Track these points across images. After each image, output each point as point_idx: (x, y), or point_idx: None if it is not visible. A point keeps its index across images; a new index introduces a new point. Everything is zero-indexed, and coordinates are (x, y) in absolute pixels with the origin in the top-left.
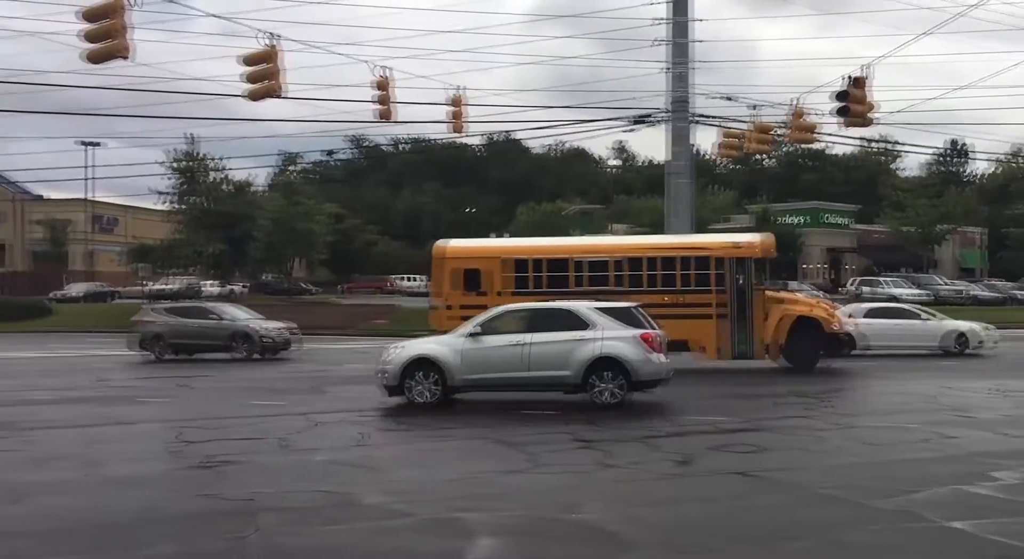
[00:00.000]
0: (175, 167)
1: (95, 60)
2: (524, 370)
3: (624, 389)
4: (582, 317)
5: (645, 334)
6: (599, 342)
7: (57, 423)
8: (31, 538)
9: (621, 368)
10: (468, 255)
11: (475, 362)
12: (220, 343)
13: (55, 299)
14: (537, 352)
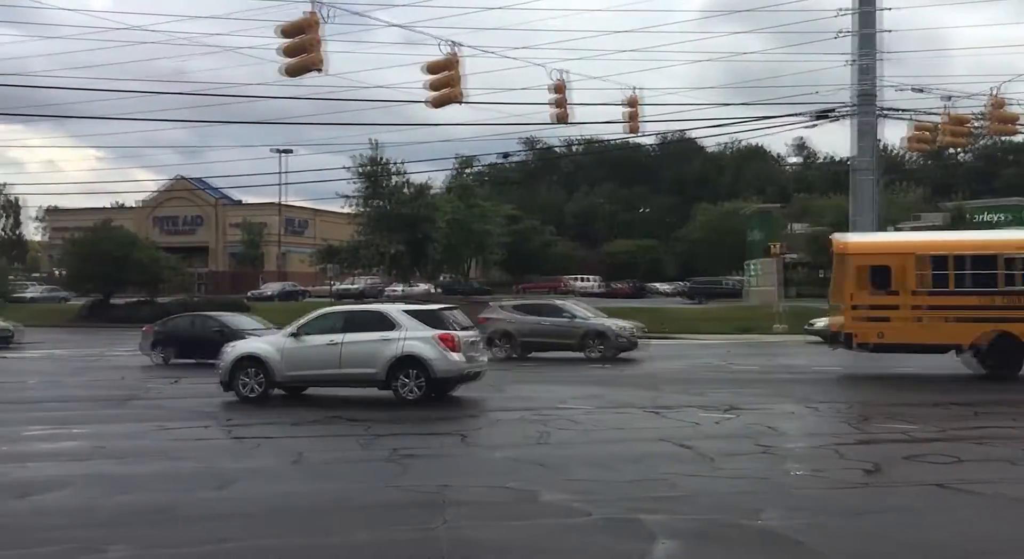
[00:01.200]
0: (360, 172)
1: (292, 73)
2: (337, 368)
3: (424, 386)
4: (391, 319)
5: (444, 335)
6: (402, 342)
7: (256, 415)
8: (239, 520)
9: (421, 366)
10: (875, 251)
11: (295, 360)
12: (574, 342)
13: (251, 298)
14: (348, 351)
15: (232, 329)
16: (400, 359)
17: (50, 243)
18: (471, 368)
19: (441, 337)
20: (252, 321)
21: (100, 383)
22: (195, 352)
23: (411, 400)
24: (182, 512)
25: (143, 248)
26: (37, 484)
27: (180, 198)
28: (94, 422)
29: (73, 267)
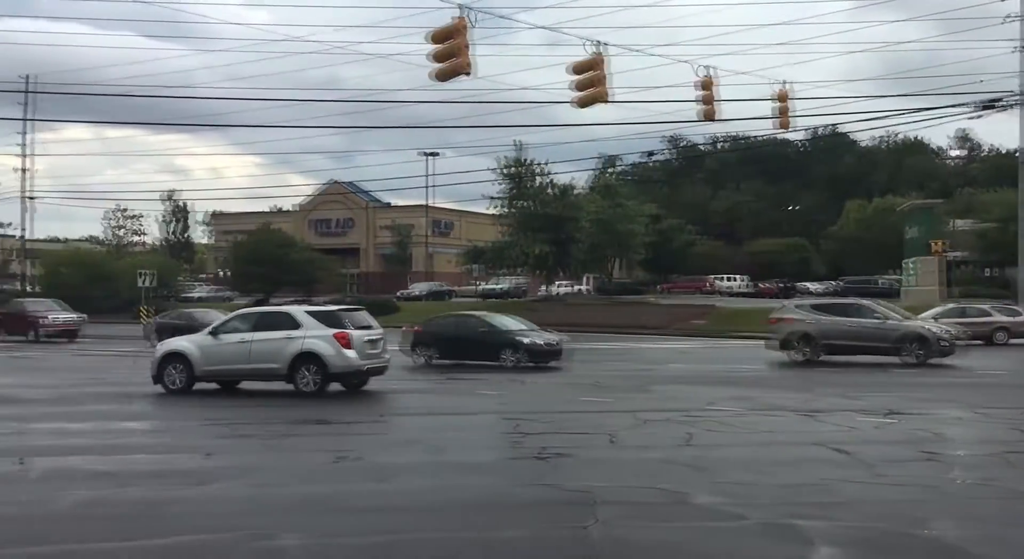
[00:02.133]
0: (504, 173)
1: (442, 78)
2: (247, 363)
3: (321, 380)
4: (295, 318)
5: (339, 334)
6: (302, 340)
7: (408, 410)
8: (400, 513)
9: (320, 362)
10: None
11: (212, 356)
12: (887, 345)
13: (401, 297)
14: (257, 348)
15: (500, 329)
16: (300, 355)
17: (215, 245)
18: (367, 364)
19: (337, 335)
20: (516, 321)
21: None
22: (460, 352)
23: (309, 392)
24: (346, 503)
25: (300, 250)
26: (210, 473)
27: (333, 202)
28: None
29: (236, 268)
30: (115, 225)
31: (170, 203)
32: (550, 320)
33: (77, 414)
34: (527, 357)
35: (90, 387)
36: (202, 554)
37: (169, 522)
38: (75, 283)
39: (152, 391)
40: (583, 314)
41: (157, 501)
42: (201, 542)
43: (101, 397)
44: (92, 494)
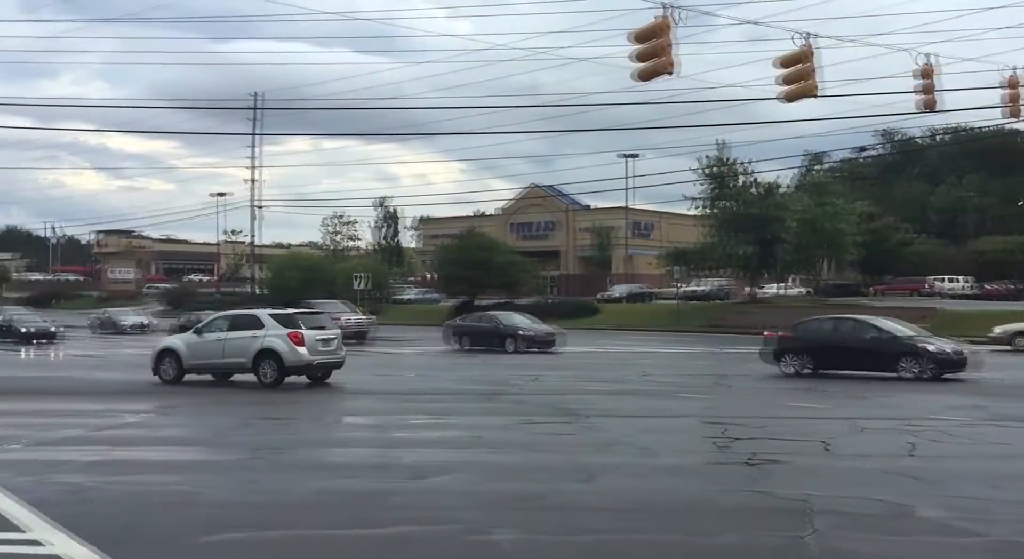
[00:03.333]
0: (706, 173)
1: (645, 78)
2: (221, 358)
3: (278, 373)
4: (260, 320)
5: (292, 333)
6: (263, 339)
7: (612, 412)
8: (607, 513)
9: (277, 357)
10: None
11: (196, 352)
12: None
13: (601, 299)
14: (229, 345)
15: (896, 335)
16: (261, 351)
17: (423, 249)
18: (319, 359)
19: (291, 335)
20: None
21: (468, 378)
22: (842, 361)
23: (268, 383)
24: (555, 501)
25: (502, 253)
26: (426, 468)
27: (534, 205)
28: (468, 414)
29: (443, 271)
30: (332, 231)
31: (381, 209)
32: (758, 323)
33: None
34: (933, 367)
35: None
36: (420, 544)
37: (390, 513)
38: (297, 285)
39: (385, 389)
40: (791, 317)
41: (378, 492)
42: (419, 533)
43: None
44: (321, 484)
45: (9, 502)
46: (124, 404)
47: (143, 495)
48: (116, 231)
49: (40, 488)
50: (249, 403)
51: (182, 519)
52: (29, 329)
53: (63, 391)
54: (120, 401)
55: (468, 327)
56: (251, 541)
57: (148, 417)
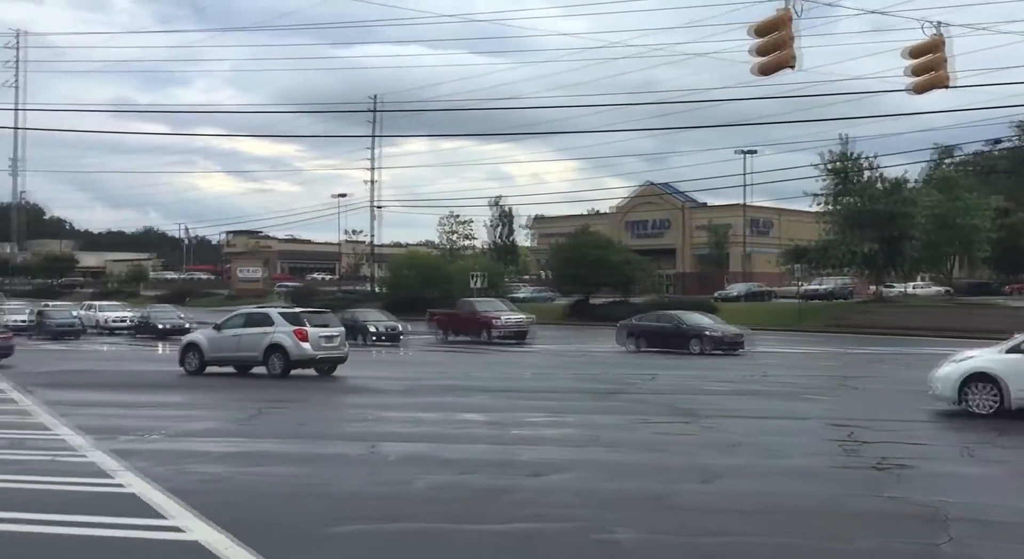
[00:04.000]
0: (828, 168)
1: (765, 72)
2: (236, 351)
3: (285, 365)
4: (271, 318)
5: (297, 330)
6: (272, 335)
7: (732, 412)
8: (729, 515)
9: (284, 352)
10: None
11: (216, 346)
12: None
13: (718, 298)
14: (244, 341)
15: None
16: (270, 346)
17: (537, 248)
18: (322, 354)
19: (296, 332)
20: None
21: (586, 377)
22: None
23: (276, 374)
24: (674, 502)
25: (617, 251)
26: (544, 465)
27: (649, 203)
28: (585, 412)
29: (557, 270)
30: (448, 230)
31: (496, 208)
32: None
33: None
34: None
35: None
36: (540, 541)
37: (509, 509)
38: (414, 284)
39: (482, 385)
40: (920, 318)
41: (498, 489)
42: (538, 530)
43: (451, 390)
44: (441, 479)
45: (152, 490)
46: (251, 397)
47: (273, 485)
48: (244, 231)
49: (179, 477)
50: (359, 399)
51: (310, 509)
52: (166, 325)
53: (196, 385)
54: (247, 394)
55: (645, 327)
56: (377, 533)
57: (273, 411)
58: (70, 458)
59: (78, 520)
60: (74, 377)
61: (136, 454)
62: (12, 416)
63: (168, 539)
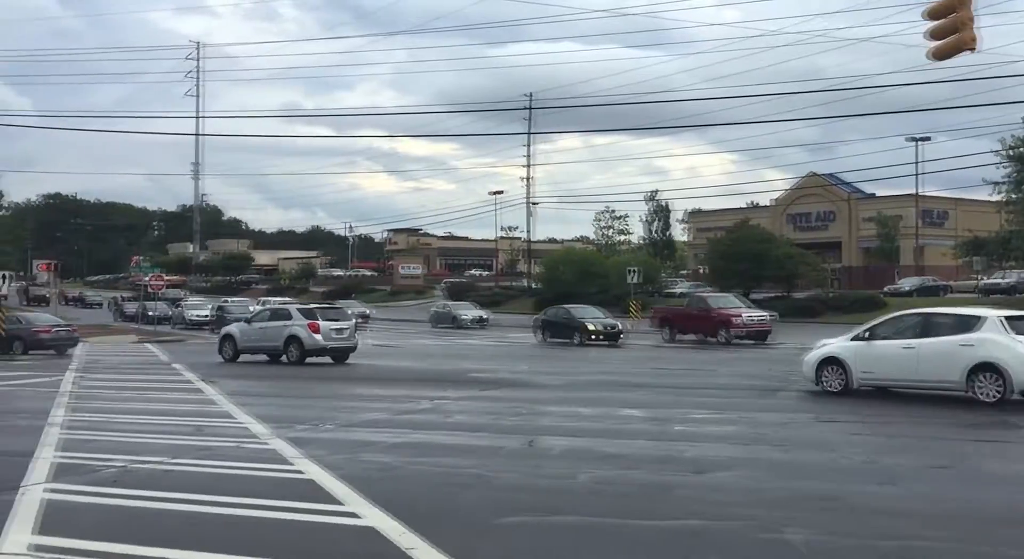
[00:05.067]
0: (1010, 154)
1: (941, 56)
2: (261, 341)
3: (300, 354)
4: (290, 313)
5: (311, 324)
6: (290, 327)
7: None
8: (912, 519)
9: (299, 342)
10: None
11: (246, 337)
12: None
13: (887, 293)
14: (269, 332)
15: None
16: (288, 338)
17: (694, 243)
18: (332, 344)
19: (309, 325)
20: None
21: (747, 373)
22: None
23: (293, 361)
24: (851, 503)
25: (778, 245)
26: (708, 462)
27: (812, 194)
28: (749, 410)
29: (715, 264)
30: (604, 225)
31: (652, 203)
32: None
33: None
34: None
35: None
36: (711, 538)
37: (673, 505)
38: (569, 280)
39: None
40: None
41: (661, 485)
42: (704, 527)
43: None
44: (603, 473)
45: (328, 477)
46: (415, 394)
47: (441, 476)
48: (404, 229)
49: (351, 465)
50: (519, 392)
51: (477, 500)
52: None
53: (365, 377)
54: (408, 388)
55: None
56: (543, 525)
57: (437, 403)
58: (253, 445)
59: (263, 504)
60: (251, 369)
61: (311, 443)
62: (199, 405)
63: (345, 524)
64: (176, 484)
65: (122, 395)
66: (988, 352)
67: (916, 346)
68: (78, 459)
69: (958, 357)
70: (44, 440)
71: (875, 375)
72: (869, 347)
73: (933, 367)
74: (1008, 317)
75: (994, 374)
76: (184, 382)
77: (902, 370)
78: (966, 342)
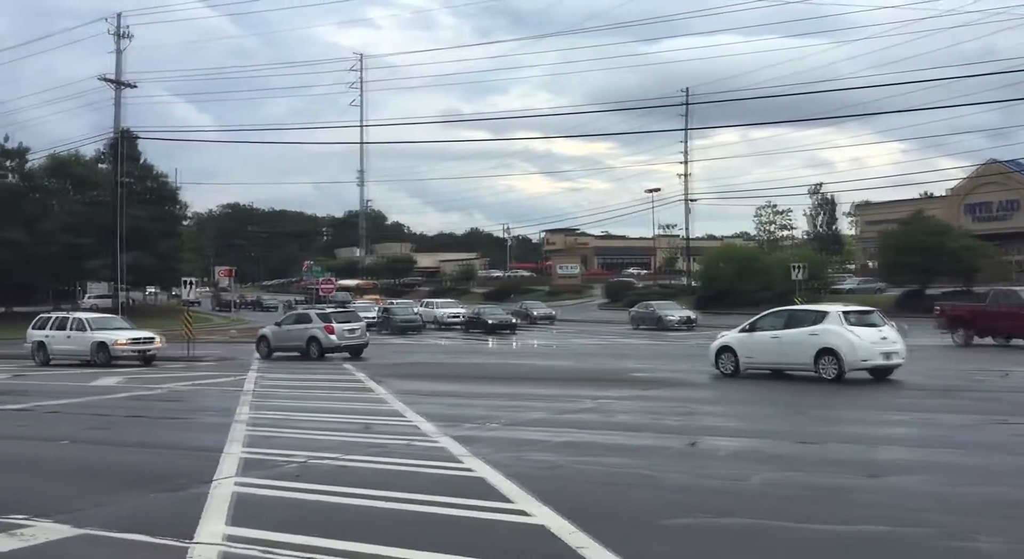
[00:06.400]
0: None
1: None
2: (288, 341)
3: (320, 351)
4: (310, 317)
5: (327, 326)
6: (310, 329)
7: None
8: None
9: (318, 342)
10: None
11: (279, 337)
12: None
13: None
14: (294, 333)
15: None
16: (308, 338)
17: (862, 236)
18: (345, 343)
19: (325, 327)
20: None
21: (925, 372)
22: None
23: (315, 358)
24: None
25: (955, 237)
26: (883, 465)
27: (993, 183)
28: (926, 411)
29: (886, 258)
30: (765, 221)
31: (816, 196)
32: None
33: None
34: None
35: None
36: (892, 546)
37: (848, 509)
38: (729, 277)
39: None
40: None
41: (834, 487)
42: (883, 532)
43: None
44: (772, 475)
45: (496, 475)
46: (574, 390)
47: (606, 475)
48: (561, 229)
49: (518, 463)
50: (681, 392)
51: (644, 500)
52: (494, 321)
53: (526, 377)
54: (569, 388)
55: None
56: (712, 527)
57: (600, 403)
58: (422, 443)
59: (433, 500)
60: (418, 369)
61: (478, 441)
62: (371, 404)
63: (516, 521)
64: (351, 479)
65: (298, 394)
66: (828, 340)
67: (780, 336)
68: (262, 455)
69: (808, 344)
70: (231, 436)
71: (754, 360)
72: (750, 337)
73: (792, 352)
74: (845, 311)
75: (833, 357)
76: (355, 381)
77: (771, 355)
78: (813, 332)
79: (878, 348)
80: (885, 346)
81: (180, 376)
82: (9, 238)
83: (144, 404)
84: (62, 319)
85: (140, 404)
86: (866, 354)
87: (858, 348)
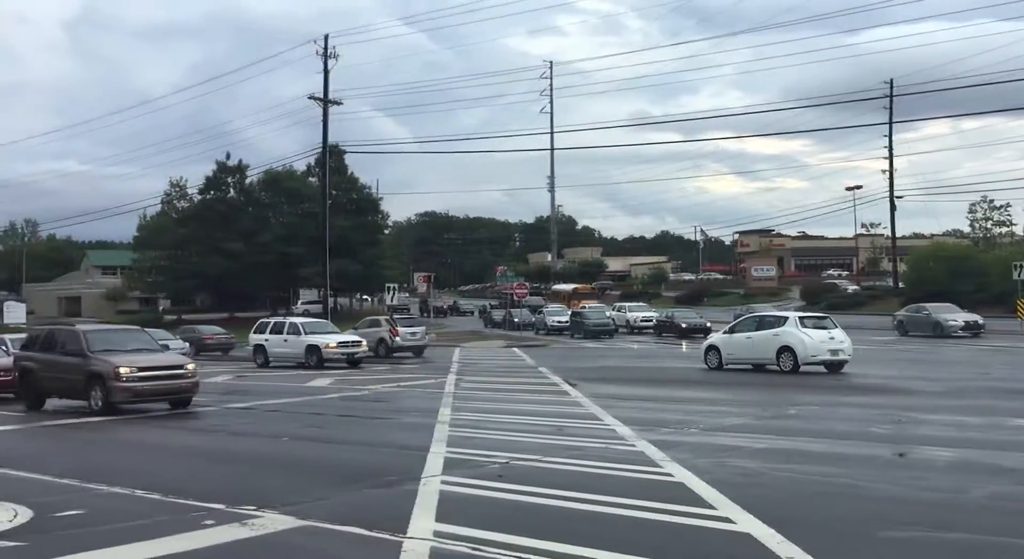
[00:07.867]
0: None
1: None
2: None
3: (387, 351)
4: (380, 322)
5: (392, 330)
6: (379, 332)
7: None
8: None
9: (386, 343)
10: None
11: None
12: None
13: None
14: (368, 337)
15: None
16: (378, 340)
17: None
18: (407, 343)
19: (391, 330)
20: None
21: None
22: None
23: (383, 356)
24: None
25: None
26: None
27: None
28: None
29: None
30: (980, 217)
31: None
32: None
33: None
34: None
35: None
36: None
37: None
38: (940, 278)
39: None
40: None
41: None
42: None
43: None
44: (997, 489)
45: (696, 481)
46: (775, 396)
47: (811, 484)
48: (754, 231)
49: (718, 470)
50: (889, 399)
51: (853, 511)
52: (687, 324)
53: (717, 382)
54: (771, 393)
55: None
56: (934, 541)
57: (802, 409)
58: (620, 446)
59: (631, 503)
60: (612, 372)
61: (676, 446)
62: (567, 407)
63: (720, 528)
64: (550, 481)
65: (496, 396)
66: (786, 340)
67: (752, 337)
68: (465, 454)
69: (772, 343)
70: (436, 436)
71: (734, 356)
72: (730, 338)
73: (760, 350)
74: (802, 317)
75: (790, 353)
76: (551, 384)
77: (745, 352)
78: (776, 333)
79: (826, 346)
80: (833, 345)
81: (385, 378)
82: (231, 249)
83: (353, 404)
84: (279, 324)
85: (350, 404)
86: (815, 351)
87: (809, 346)
